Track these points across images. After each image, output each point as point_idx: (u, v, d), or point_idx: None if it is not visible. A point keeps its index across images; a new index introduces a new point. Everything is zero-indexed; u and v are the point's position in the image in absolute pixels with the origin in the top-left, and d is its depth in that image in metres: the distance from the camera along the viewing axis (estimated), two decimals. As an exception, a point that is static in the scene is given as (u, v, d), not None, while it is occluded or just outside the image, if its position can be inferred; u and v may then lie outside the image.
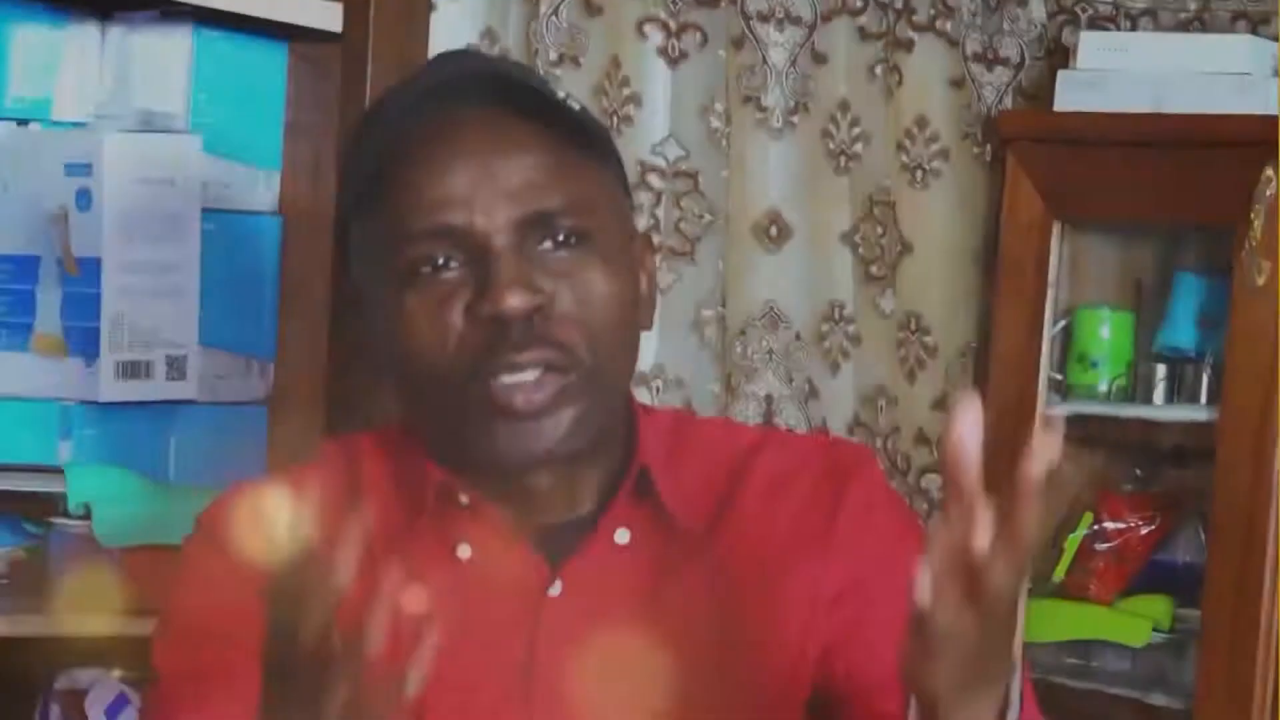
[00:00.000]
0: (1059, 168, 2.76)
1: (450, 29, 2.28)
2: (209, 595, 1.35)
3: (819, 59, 2.65)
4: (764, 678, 1.39)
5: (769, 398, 2.61)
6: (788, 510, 1.42)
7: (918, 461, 2.83)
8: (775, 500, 1.43)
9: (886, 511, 1.46)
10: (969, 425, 1.09)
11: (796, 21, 2.62)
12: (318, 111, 2.12)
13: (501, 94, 1.34)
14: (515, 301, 1.28)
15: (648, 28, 2.48)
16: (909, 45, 2.80)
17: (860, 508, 1.42)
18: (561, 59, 2.40)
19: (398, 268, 1.32)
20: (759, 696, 1.40)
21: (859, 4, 2.69)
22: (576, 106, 1.37)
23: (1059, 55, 2.92)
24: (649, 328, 1.44)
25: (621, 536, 1.39)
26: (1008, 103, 2.92)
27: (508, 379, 1.29)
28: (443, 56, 1.49)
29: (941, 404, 2.86)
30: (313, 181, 2.12)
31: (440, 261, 1.31)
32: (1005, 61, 2.93)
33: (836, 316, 2.70)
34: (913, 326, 2.82)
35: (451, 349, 1.30)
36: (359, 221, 1.38)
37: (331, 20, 2.05)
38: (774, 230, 2.62)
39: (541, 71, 2.35)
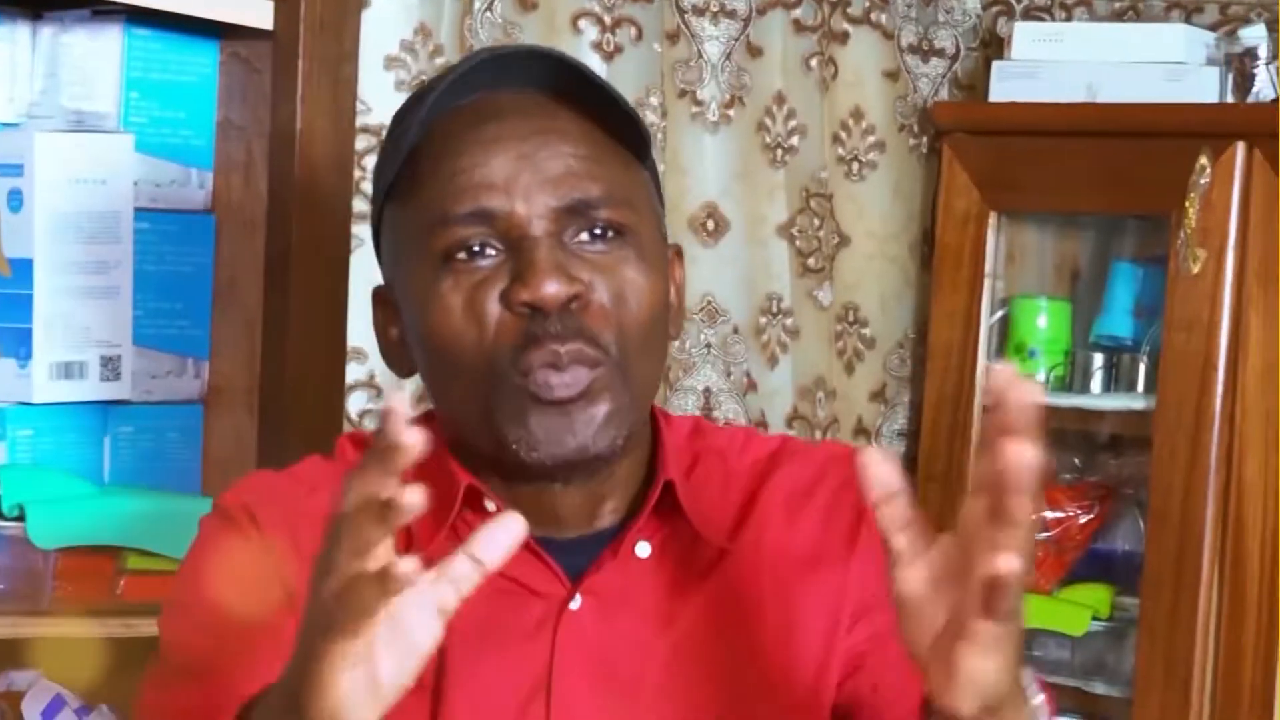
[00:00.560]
0: (994, 158, 2.77)
1: (383, 26, 2.27)
2: (225, 575, 1.32)
3: (754, 52, 2.66)
4: (787, 691, 1.38)
5: (707, 391, 2.62)
6: (809, 523, 1.40)
7: (858, 453, 2.81)
8: (796, 513, 1.41)
9: None
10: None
11: (731, 15, 2.62)
12: (249, 110, 2.10)
13: (547, 76, 1.32)
14: (553, 289, 1.26)
15: (583, 22, 2.48)
16: (844, 38, 2.80)
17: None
18: None
19: (433, 253, 1.29)
20: (782, 710, 1.38)
21: (793, -1, 2.70)
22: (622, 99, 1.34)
23: (994, 46, 2.94)
24: (677, 338, 1.44)
25: (643, 550, 1.37)
26: (943, 94, 2.93)
27: (548, 373, 1.27)
28: (486, 48, 1.44)
29: (880, 395, 2.87)
30: (245, 180, 2.11)
31: (477, 248, 1.28)
32: (940, 53, 2.94)
33: (774, 309, 2.70)
34: (850, 318, 2.83)
35: (490, 337, 1.28)
36: (393, 207, 1.35)
37: (263, 18, 2.03)
38: (711, 224, 2.62)
39: None
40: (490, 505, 1.35)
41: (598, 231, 1.30)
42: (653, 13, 2.54)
